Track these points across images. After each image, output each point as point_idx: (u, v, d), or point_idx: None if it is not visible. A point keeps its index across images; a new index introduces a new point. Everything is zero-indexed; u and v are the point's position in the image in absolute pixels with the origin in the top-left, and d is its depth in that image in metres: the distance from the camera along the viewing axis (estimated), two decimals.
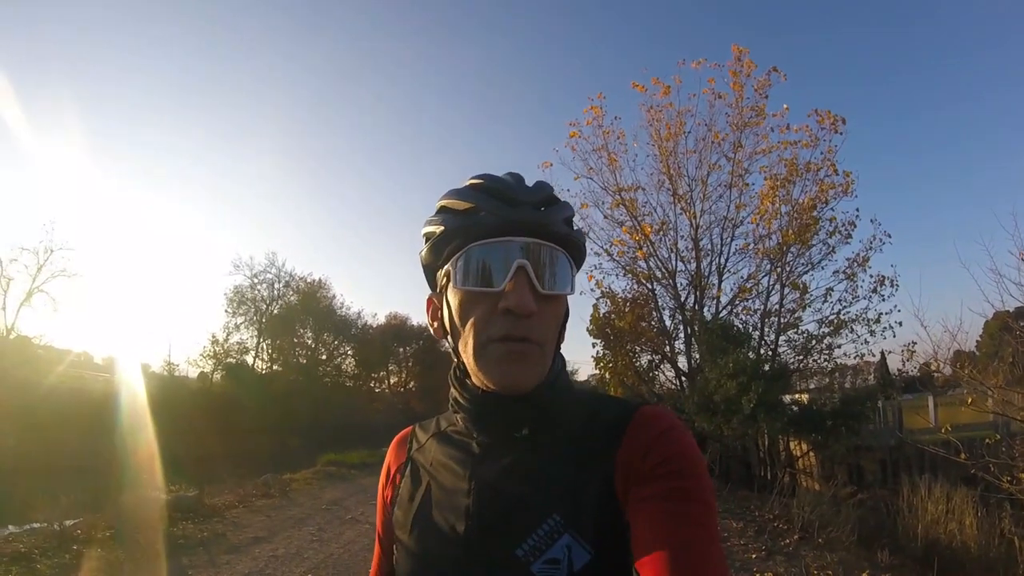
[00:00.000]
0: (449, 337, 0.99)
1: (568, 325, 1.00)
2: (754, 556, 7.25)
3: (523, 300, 0.87)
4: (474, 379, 0.95)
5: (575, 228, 1.00)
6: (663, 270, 15.23)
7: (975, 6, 61.28)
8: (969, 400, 8.23)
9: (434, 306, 1.04)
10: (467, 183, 0.98)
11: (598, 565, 0.85)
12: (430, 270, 1.04)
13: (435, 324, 1.03)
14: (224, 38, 66.65)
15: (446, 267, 0.97)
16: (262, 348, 34.79)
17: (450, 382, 1.02)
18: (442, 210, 0.98)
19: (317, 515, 10.12)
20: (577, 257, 0.99)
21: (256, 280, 34.32)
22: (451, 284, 0.96)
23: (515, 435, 0.95)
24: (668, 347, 16.08)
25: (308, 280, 37.74)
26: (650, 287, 15.58)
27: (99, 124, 59.39)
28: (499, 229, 0.91)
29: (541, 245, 0.91)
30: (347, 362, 41.77)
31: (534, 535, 0.87)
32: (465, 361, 0.95)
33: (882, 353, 14.78)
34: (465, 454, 1.00)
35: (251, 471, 14.88)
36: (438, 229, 0.97)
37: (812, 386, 15.88)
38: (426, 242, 1.00)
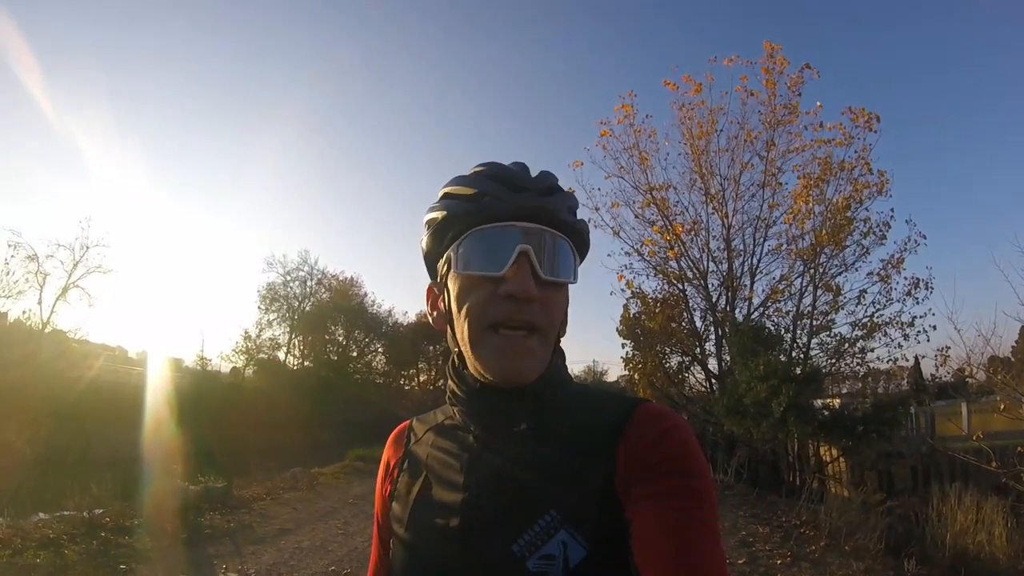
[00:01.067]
0: (448, 327, 0.99)
1: (597, 324, 0.98)
2: (779, 562, 7.18)
3: (525, 284, 0.87)
4: (472, 370, 0.95)
5: (580, 219, 0.99)
6: (694, 270, 15.14)
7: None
8: (1002, 407, 8.07)
9: (434, 296, 1.04)
10: (471, 170, 0.98)
11: (594, 561, 0.84)
12: (431, 258, 1.03)
13: (434, 314, 1.03)
14: (256, 40, 67.43)
15: (447, 254, 0.97)
16: (294, 344, 35.27)
17: (447, 374, 1.01)
18: (445, 196, 0.98)
19: (344, 509, 10.24)
20: (580, 247, 0.99)
21: (289, 277, 34.92)
22: (452, 270, 0.95)
23: (513, 429, 0.95)
24: (699, 349, 15.95)
25: (340, 278, 38.29)
26: (681, 288, 15.49)
27: (133, 123, 60.41)
28: (502, 214, 0.91)
29: (544, 231, 0.91)
30: (377, 359, 42.19)
31: (530, 531, 0.86)
32: (464, 351, 0.95)
33: (916, 358, 14.58)
34: (462, 448, 0.99)
35: (280, 465, 15.08)
36: (440, 215, 0.96)
37: (844, 391, 15.69)
38: (427, 229, 1.00)
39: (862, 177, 13.22)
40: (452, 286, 0.96)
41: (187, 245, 64.94)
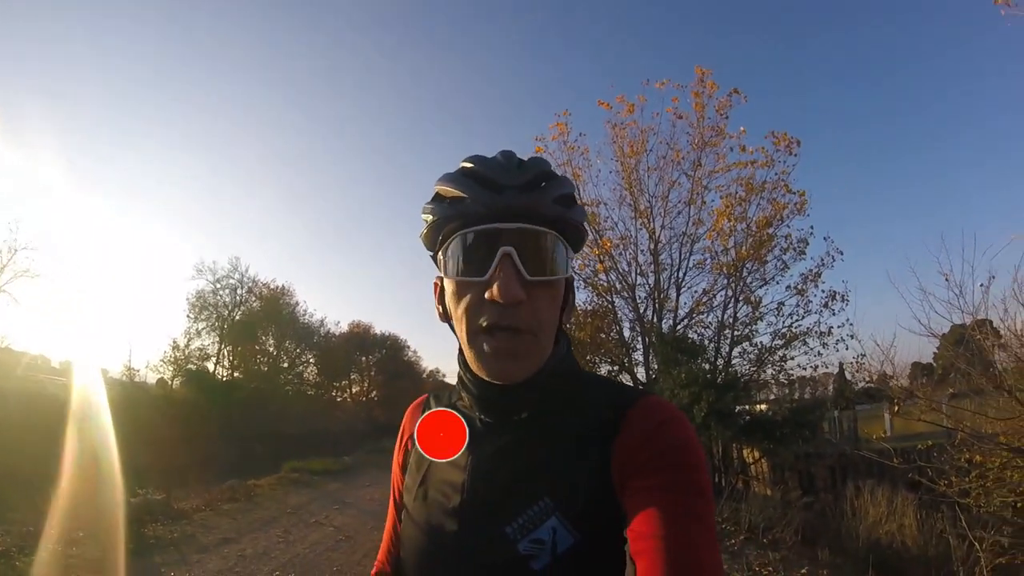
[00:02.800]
0: (449, 321, 1.03)
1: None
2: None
3: (507, 289, 0.88)
4: (471, 366, 0.99)
5: (574, 204, 1.01)
6: (623, 283, 15.44)
7: (921, 18, 63.01)
8: (896, 409, 8.65)
9: (439, 288, 1.06)
10: (459, 167, 0.99)
11: (581, 549, 0.89)
12: (431, 254, 1.06)
13: (439, 307, 1.06)
14: (187, 40, 65.55)
15: (439, 256, 1.00)
16: (223, 355, 34.15)
17: (458, 362, 1.05)
18: (435, 197, 1.00)
19: (283, 518, 10.28)
20: (573, 236, 1.01)
21: (219, 285, 33.55)
22: (444, 272, 1.00)
23: (514, 418, 1.00)
24: (627, 358, 16.32)
25: (271, 286, 37.10)
26: (610, 300, 15.83)
27: (66, 127, 58.05)
28: (485, 216, 0.93)
29: (527, 230, 0.93)
30: (309, 370, 41.04)
31: (523, 515, 0.91)
32: (463, 347, 1.00)
33: (840, 365, 15.19)
34: (469, 430, 1.04)
35: (215, 477, 14.88)
36: (430, 217, 0.99)
37: (772, 397, 16.29)
38: (423, 228, 1.02)
39: (782, 197, 13.80)
40: (447, 287, 1.00)
41: (113, 251, 62.17)
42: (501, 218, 0.92)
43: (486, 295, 0.91)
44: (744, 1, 67.29)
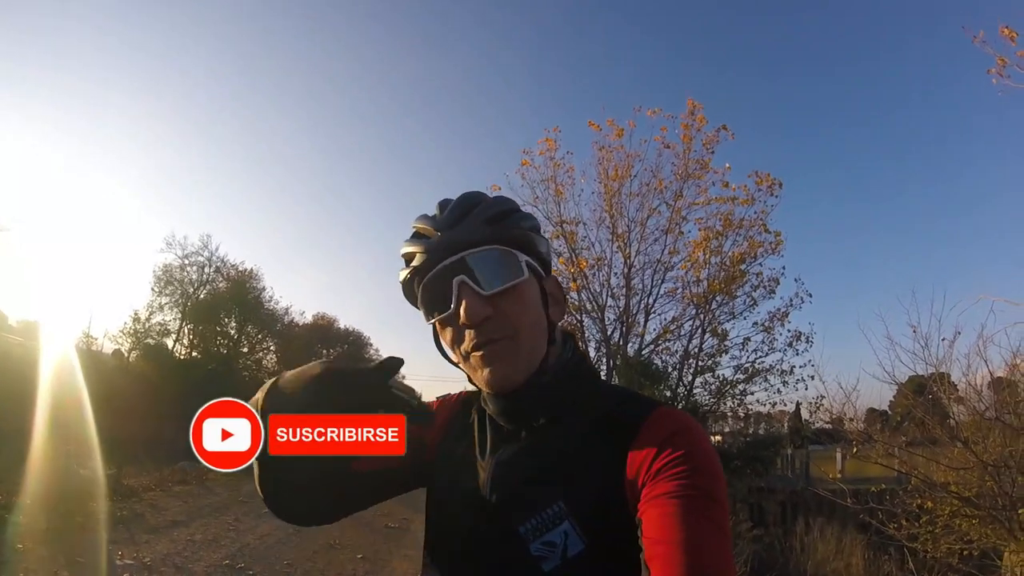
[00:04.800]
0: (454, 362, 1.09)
1: None
2: None
3: (471, 311, 0.97)
4: (478, 386, 1.06)
5: (511, 215, 1.08)
6: (593, 303, 15.42)
7: (901, 64, 64.41)
8: (854, 450, 8.86)
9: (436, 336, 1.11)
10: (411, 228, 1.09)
11: (591, 554, 0.91)
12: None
13: (442, 353, 1.12)
14: (171, 29, 64.85)
15: (419, 309, 1.08)
16: (183, 332, 33.45)
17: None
18: (403, 257, 1.09)
19: (234, 506, 10.20)
20: (519, 241, 1.06)
21: (187, 261, 32.59)
22: (426, 320, 1.07)
23: (533, 423, 1.05)
24: None
25: (239, 268, 36.23)
26: (579, 319, 15.91)
27: (40, 84, 56.88)
28: (433, 261, 1.02)
29: (472, 254, 1.00)
30: (268, 358, 40.16)
31: (536, 517, 0.95)
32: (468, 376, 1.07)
33: (797, 404, 15.32)
34: (495, 431, 1.09)
35: (165, 456, 14.67)
36: (403, 277, 1.08)
37: (727, 429, 16.44)
38: (403, 289, 1.12)
39: (759, 236, 13.94)
40: (437, 331, 1.08)
41: (81, 214, 60.83)
42: (443, 257, 1.01)
43: (460, 322, 0.99)
44: (734, 42, 68.18)
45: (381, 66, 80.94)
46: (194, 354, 34.15)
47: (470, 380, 1.09)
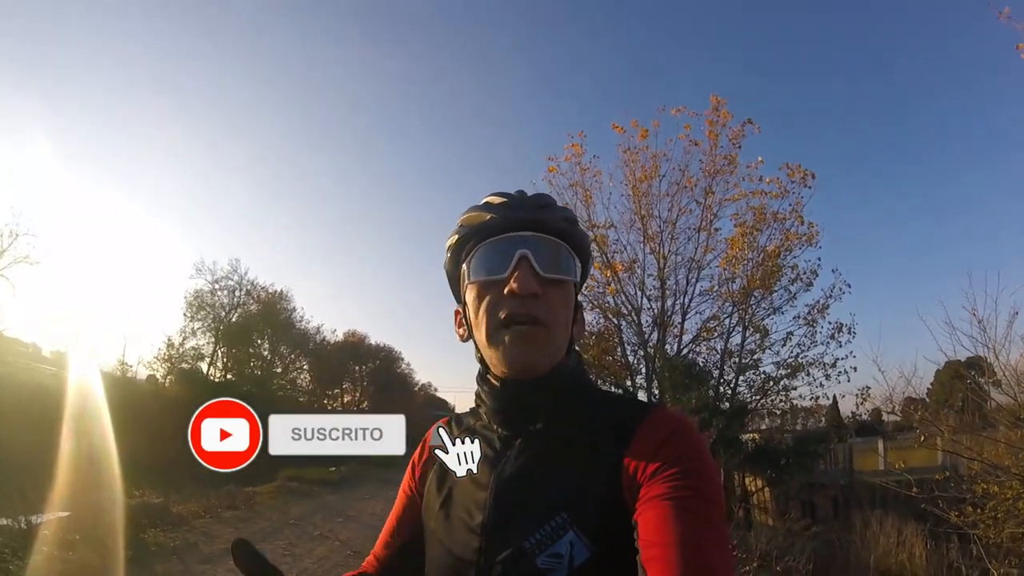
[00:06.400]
0: (471, 338, 1.12)
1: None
2: None
3: (524, 281, 1.00)
4: (492, 368, 1.08)
5: (578, 226, 1.14)
6: (628, 307, 15.37)
7: (939, 56, 63.23)
8: (922, 438, 8.65)
9: (459, 316, 1.17)
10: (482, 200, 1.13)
11: (597, 562, 0.91)
12: (453, 282, 1.19)
13: (460, 331, 1.16)
14: (200, 44, 65.53)
15: (463, 268, 1.12)
16: (218, 356, 33.75)
17: (476, 381, 1.13)
18: (460, 224, 1.12)
19: (285, 529, 10.20)
20: (580, 252, 1.12)
21: (217, 286, 32.88)
22: (467, 282, 1.10)
23: (530, 428, 1.06)
24: (630, 382, 16.21)
25: (270, 290, 36.62)
26: (616, 322, 15.78)
27: (70, 117, 57.58)
28: (504, 227, 1.06)
29: (540, 238, 1.06)
30: (302, 377, 40.59)
31: (541, 530, 0.94)
32: (483, 352, 1.08)
33: (834, 397, 15.12)
34: (489, 448, 1.09)
35: (210, 480, 14.69)
36: (455, 238, 1.12)
37: (764, 426, 16.23)
38: (447, 253, 1.15)
39: (794, 228, 13.81)
40: (469, 295, 1.09)
41: (113, 245, 61.69)
42: (518, 228, 1.06)
43: (505, 291, 1.01)
44: (759, 40, 67.57)
45: (402, 83, 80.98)
46: (229, 376, 34.44)
47: (480, 362, 1.12)
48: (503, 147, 76.75)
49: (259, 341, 36.61)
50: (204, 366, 32.88)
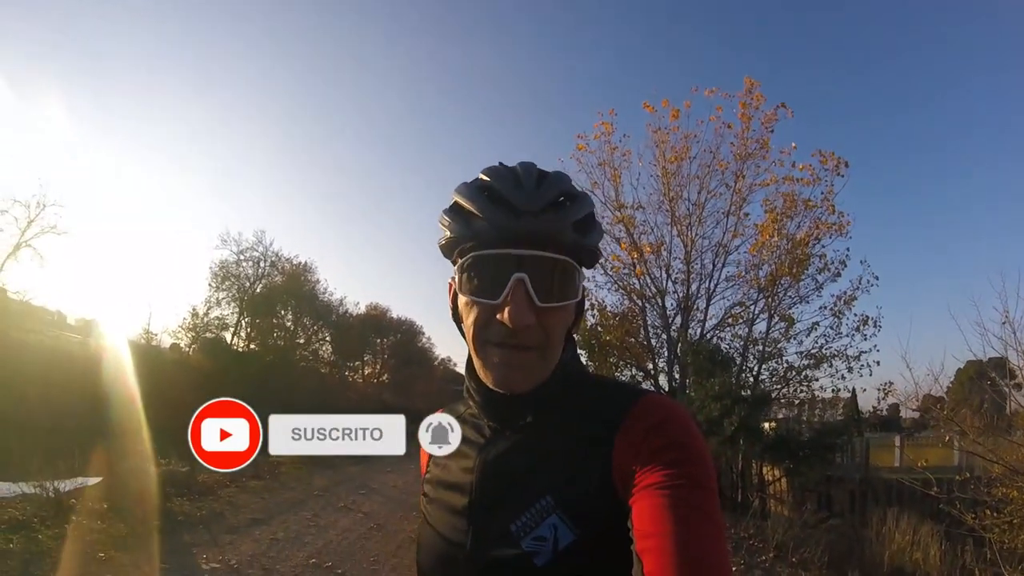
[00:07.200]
0: (460, 325, 1.07)
1: None
2: (733, 569, 7.59)
3: (518, 316, 0.91)
4: (479, 373, 1.02)
5: (593, 225, 1.03)
6: (652, 289, 15.42)
7: (975, 40, 61.87)
8: (947, 438, 8.66)
9: (453, 289, 1.06)
10: (476, 179, 1.02)
11: (581, 545, 0.91)
12: (448, 259, 1.08)
13: (453, 307, 1.07)
14: (228, 25, 65.62)
15: (455, 273, 1.02)
16: (241, 326, 34.06)
17: (466, 372, 1.09)
18: (453, 207, 1.02)
19: (310, 500, 10.33)
20: (587, 259, 1.03)
21: (242, 257, 33.26)
22: (457, 287, 1.02)
23: (520, 422, 1.03)
24: (651, 365, 16.27)
25: (294, 262, 36.79)
26: (640, 304, 15.78)
27: (97, 87, 58.36)
28: (499, 240, 0.94)
29: (542, 257, 0.94)
30: (324, 348, 41.11)
31: (526, 513, 0.94)
32: (471, 353, 1.03)
33: (853, 390, 15.07)
34: (477, 435, 1.08)
35: None
36: (447, 233, 1.02)
37: (780, 416, 16.23)
38: (441, 235, 1.05)
39: (826, 217, 13.67)
40: (460, 299, 1.02)
41: (139, 214, 62.50)
42: (516, 243, 0.94)
43: (497, 316, 0.93)
44: (793, 28, 66.42)
45: (424, 57, 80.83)
46: (252, 346, 34.74)
47: (468, 362, 1.07)
48: (528, 123, 76.77)
49: (283, 312, 36.80)
50: (228, 336, 33.36)
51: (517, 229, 0.94)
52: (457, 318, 1.06)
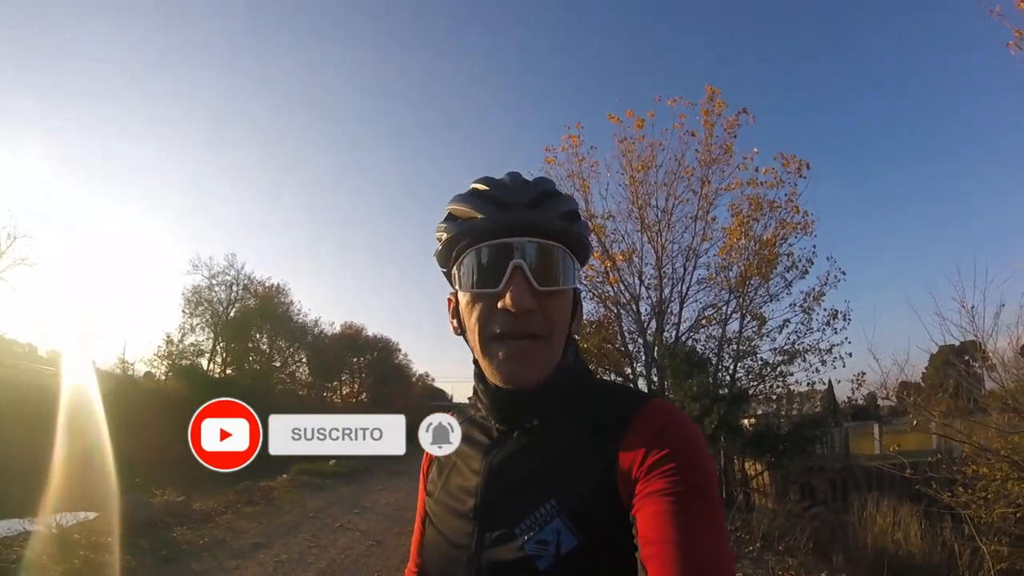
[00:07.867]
0: (463, 336, 1.09)
1: None
2: None
3: (519, 298, 0.95)
4: (486, 374, 1.05)
5: (579, 219, 1.07)
6: (627, 295, 15.62)
7: (929, 33, 63.22)
8: (915, 423, 9.04)
9: (452, 304, 1.11)
10: (469, 188, 1.06)
11: (584, 550, 0.91)
12: (445, 271, 1.13)
13: (453, 322, 1.11)
14: (182, 30, 65.14)
15: (454, 270, 1.06)
16: (217, 351, 33.68)
17: (474, 378, 1.11)
18: (448, 216, 1.07)
19: (307, 522, 10.37)
20: (579, 249, 1.06)
21: (214, 281, 33.02)
22: (458, 286, 1.06)
23: (526, 425, 1.05)
24: (629, 369, 16.49)
25: (267, 284, 36.48)
26: (616, 311, 16.01)
27: (66, 120, 57.77)
28: (495, 232, 0.99)
29: (536, 243, 0.99)
30: (301, 370, 40.79)
31: (530, 517, 0.95)
32: (477, 358, 1.06)
33: (829, 382, 15.40)
34: (484, 438, 1.10)
35: (218, 477, 14.67)
36: (444, 236, 1.05)
37: (760, 412, 16.56)
38: (438, 245, 1.08)
39: (791, 217, 14.01)
40: (461, 299, 1.06)
41: (109, 244, 61.55)
42: (510, 233, 0.99)
43: (499, 305, 0.97)
44: (749, 22, 67.47)
45: (389, 70, 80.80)
46: (228, 372, 34.26)
47: (475, 364, 1.09)
48: (495, 140, 76.97)
49: (258, 335, 36.56)
50: (204, 362, 33.02)
51: (510, 220, 0.99)
52: (461, 330, 1.09)
